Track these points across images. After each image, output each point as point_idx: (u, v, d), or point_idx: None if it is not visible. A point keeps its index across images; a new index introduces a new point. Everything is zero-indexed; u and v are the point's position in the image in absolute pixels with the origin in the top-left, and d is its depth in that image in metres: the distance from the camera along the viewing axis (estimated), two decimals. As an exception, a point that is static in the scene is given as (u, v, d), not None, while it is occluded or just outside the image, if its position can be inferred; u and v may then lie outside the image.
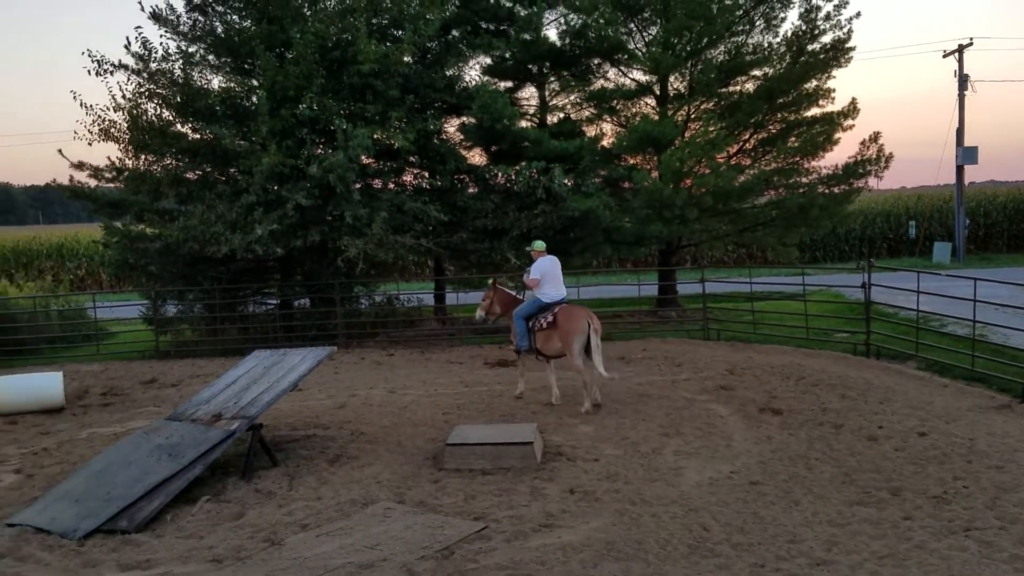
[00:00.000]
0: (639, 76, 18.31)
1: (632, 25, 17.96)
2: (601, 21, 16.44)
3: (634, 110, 18.85)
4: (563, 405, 10.31)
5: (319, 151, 14.80)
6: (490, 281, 11.55)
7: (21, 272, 33.62)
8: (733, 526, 6.13)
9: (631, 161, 17.88)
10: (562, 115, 18.74)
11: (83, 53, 15.33)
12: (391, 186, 16.31)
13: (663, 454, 8.08)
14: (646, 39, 17.99)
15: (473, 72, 18.44)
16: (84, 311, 19.04)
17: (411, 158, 16.12)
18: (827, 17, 17.25)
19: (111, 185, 16.68)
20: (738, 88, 18.03)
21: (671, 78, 17.99)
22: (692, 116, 17.93)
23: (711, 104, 17.77)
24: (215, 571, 5.70)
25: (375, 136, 14.63)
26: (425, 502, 6.93)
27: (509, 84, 18.46)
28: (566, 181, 15.77)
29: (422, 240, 15.31)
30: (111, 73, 15.31)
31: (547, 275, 10.35)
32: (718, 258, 32.34)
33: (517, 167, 16.00)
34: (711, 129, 16.16)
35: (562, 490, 7.08)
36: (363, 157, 14.69)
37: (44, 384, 11.37)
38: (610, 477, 7.41)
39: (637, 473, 7.51)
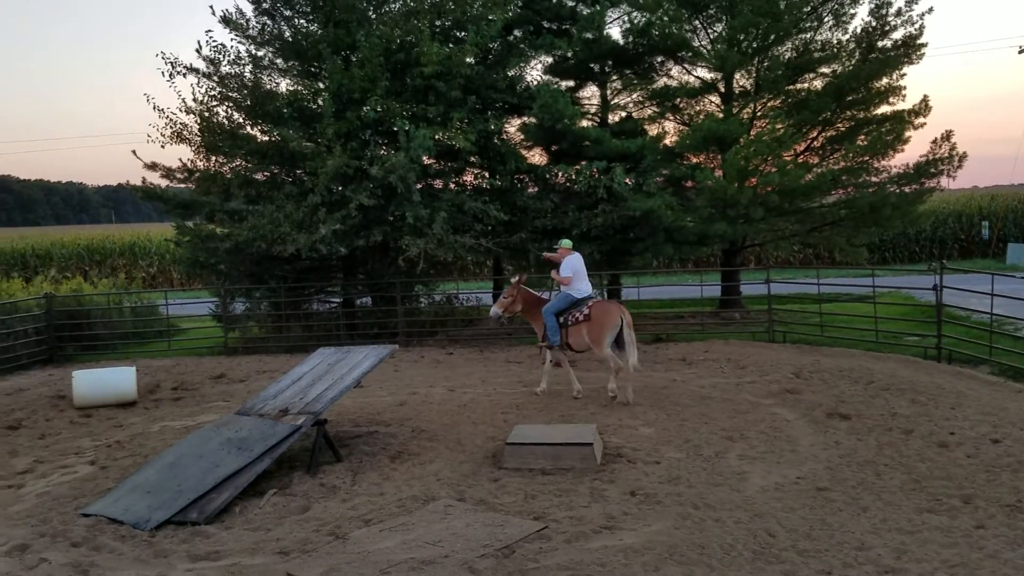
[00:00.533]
0: (703, 74, 18.10)
1: (696, 22, 17.74)
2: (665, 19, 16.29)
3: (698, 108, 18.62)
4: (623, 407, 10.23)
5: (382, 152, 15.01)
6: (514, 279, 11.53)
7: (95, 270, 34.86)
8: (799, 532, 6.00)
9: (694, 160, 17.65)
10: (624, 114, 18.62)
11: (157, 55, 15.85)
12: (452, 186, 16.45)
13: (727, 458, 7.96)
14: (711, 36, 17.74)
15: (534, 72, 18.48)
16: (156, 308, 19.64)
17: (472, 158, 16.23)
18: (898, 13, 16.76)
19: (182, 186, 17.20)
20: (805, 85, 17.66)
21: (736, 75, 17.71)
22: (758, 114, 17.61)
23: (778, 101, 17.44)
24: (282, 563, 5.82)
25: (436, 137, 14.79)
26: (485, 500, 6.96)
27: (570, 83, 18.42)
28: (627, 180, 15.66)
29: (482, 240, 15.40)
30: (183, 76, 15.84)
31: (577, 272, 10.74)
32: (783, 258, 31.70)
33: (577, 166, 15.96)
34: (778, 127, 15.86)
35: (622, 492, 7.03)
36: (424, 158, 14.84)
37: (118, 379, 11.78)
38: (672, 480, 7.33)
39: (700, 477, 7.42)
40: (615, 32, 17.68)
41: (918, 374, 11.44)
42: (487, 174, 16.74)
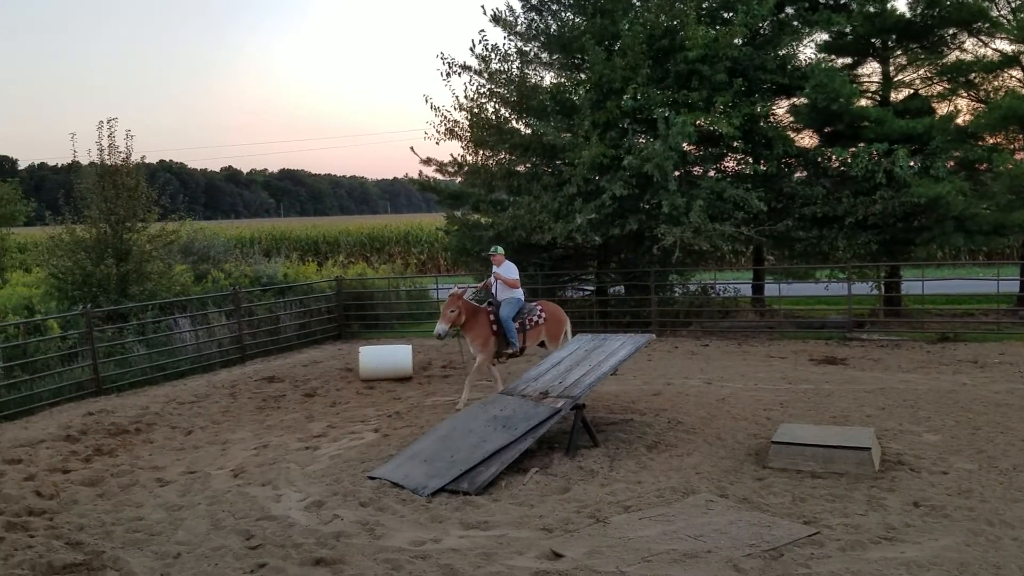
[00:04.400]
0: (1003, 46, 16.01)
1: (996, -10, 15.73)
2: (960, -13, 14.60)
3: (996, 84, 16.51)
4: (902, 409, 9.40)
5: (640, 141, 14.95)
6: (455, 290, 10.91)
7: (375, 256, 38.26)
8: None
9: (991, 141, 15.70)
10: (908, 92, 16.98)
11: (436, 55, 16.98)
12: (711, 173, 15.98)
13: (1030, 474, 7.01)
14: (1012, 5, 15.65)
15: (807, 50, 17.40)
16: (427, 292, 21.13)
17: (735, 143, 15.67)
18: None
19: (452, 179, 18.34)
20: None
21: (1042, 47, 15.46)
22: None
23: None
24: (546, 539, 5.99)
25: (698, 123, 14.46)
26: (749, 499, 6.70)
27: (847, 60, 17.15)
28: (910, 164, 14.30)
29: (743, 228, 14.82)
30: (458, 74, 16.84)
31: (518, 277, 11.01)
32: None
33: (854, 149, 14.82)
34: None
35: (904, 502, 6.48)
36: (684, 145, 14.57)
37: (397, 355, 12.83)
38: (962, 493, 6.63)
39: (995, 491, 6.64)
40: (900, 4, 16.13)
41: None
42: (750, 159, 16.06)
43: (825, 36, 16.78)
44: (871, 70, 17.37)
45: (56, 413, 11.20)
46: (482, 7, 16.91)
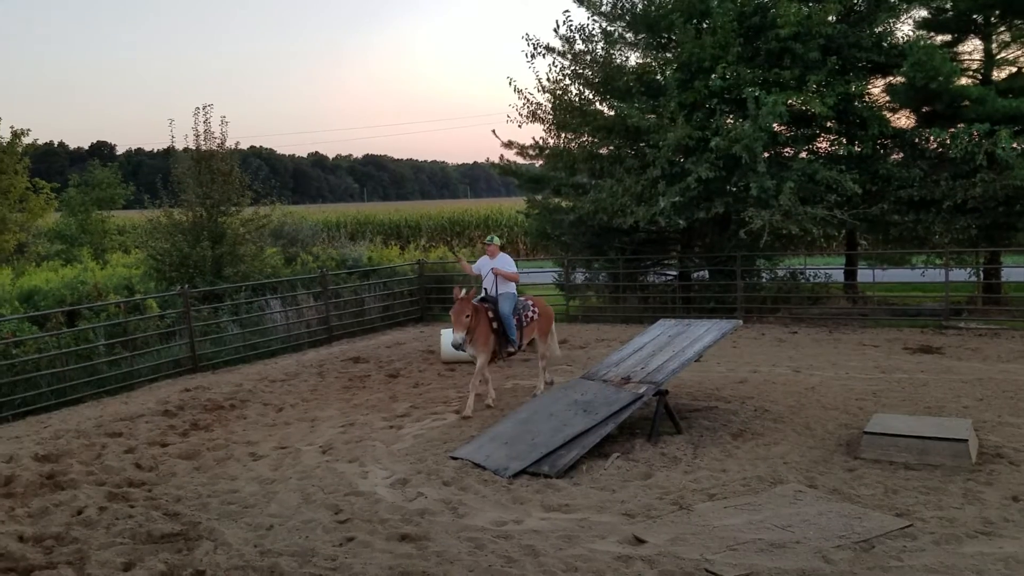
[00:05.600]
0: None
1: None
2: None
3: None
4: (1001, 400, 8.98)
5: (728, 121, 14.61)
6: (465, 292, 9.62)
7: (456, 240, 38.65)
8: None
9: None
10: (1012, 70, 16.04)
11: (522, 37, 16.94)
12: (803, 154, 15.49)
13: None
14: None
15: (904, 27, 16.64)
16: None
17: (828, 123, 15.13)
18: None
19: (534, 162, 18.31)
20: None
21: None
22: None
23: None
24: (628, 524, 5.97)
25: (789, 102, 14.03)
26: (839, 490, 6.52)
27: (947, 38, 16.31)
28: (1014, 145, 13.53)
29: (835, 211, 14.32)
30: (542, 56, 16.75)
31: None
32: None
33: (953, 129, 14.13)
34: None
35: (1003, 496, 6.24)
36: (774, 125, 14.16)
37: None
38: (1066, 489, 6.29)
39: (1106, 490, 6.26)
40: (1006, -23, 15.17)
41: None
42: (844, 140, 15.49)
43: (924, 12, 16.01)
44: (972, 47, 16.47)
45: (155, 389, 11.74)
46: (566, -13, 16.78)
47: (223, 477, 7.60)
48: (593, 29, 16.57)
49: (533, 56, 16.74)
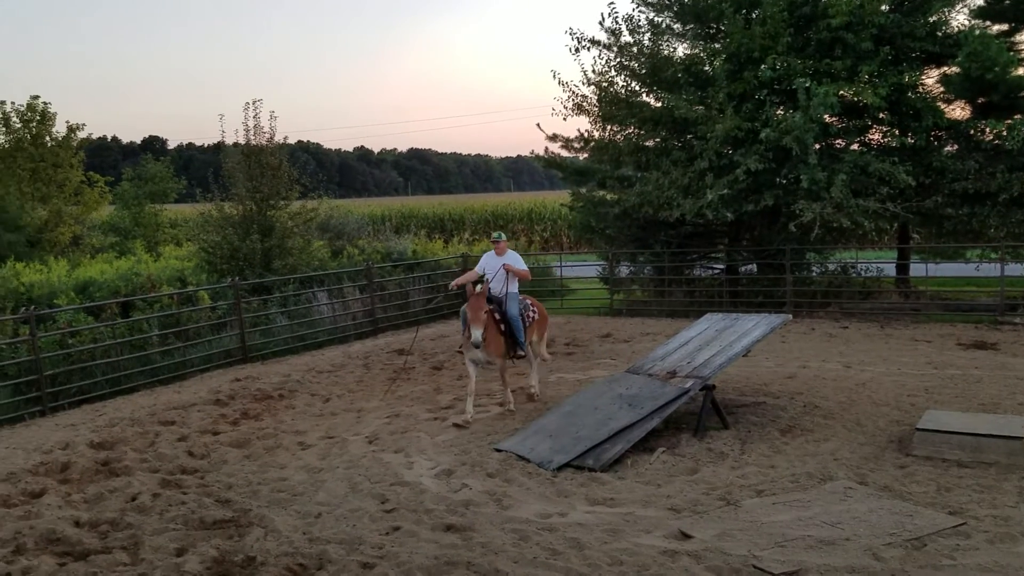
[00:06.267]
0: None
1: None
2: None
3: None
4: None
5: (778, 113, 14.38)
6: (480, 288, 9.08)
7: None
8: None
9: None
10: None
11: (565, 31, 16.88)
12: (854, 146, 15.18)
13: None
14: None
15: (960, 17, 16.18)
16: (550, 269, 21.20)
17: (880, 115, 14.78)
18: None
19: (578, 155, 18.22)
20: None
21: None
22: None
23: None
24: (674, 519, 5.93)
25: (841, 93, 13.75)
26: (890, 487, 6.40)
27: (1003, 27, 15.82)
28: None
29: (888, 204, 14.01)
30: (587, 49, 16.65)
31: None
32: None
33: (1010, 121, 13.71)
34: None
35: (1061, 496, 6.04)
36: (825, 116, 13.90)
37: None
38: None
39: None
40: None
41: None
42: (897, 132, 15.14)
43: (980, 1, 15.57)
44: (1030, 37, 15.97)
45: (206, 378, 11.99)
46: (612, -22, 16.66)
47: (272, 465, 7.73)
48: (640, 20, 16.44)
49: (577, 50, 16.64)
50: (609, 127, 16.87)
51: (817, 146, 14.24)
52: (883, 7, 14.11)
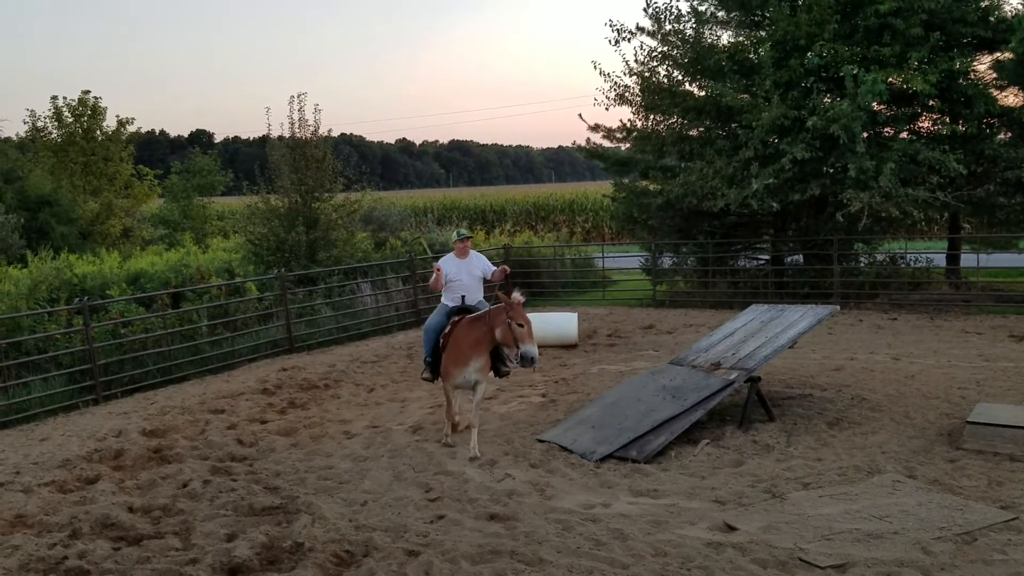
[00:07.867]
0: None
1: None
2: None
3: None
4: None
5: (825, 100, 14.12)
6: (516, 297, 7.63)
7: (540, 224, 38.63)
8: None
9: None
10: None
11: (605, 23, 16.77)
12: (903, 134, 14.85)
13: None
14: None
15: (1013, 1, 15.75)
16: (591, 260, 21.13)
17: (930, 102, 14.45)
18: None
19: (620, 145, 18.12)
20: None
21: None
22: None
23: None
24: (718, 511, 5.90)
25: (889, 80, 13.45)
26: (940, 481, 6.29)
27: (1062, 10, 15.33)
28: None
29: (938, 193, 13.69)
30: (628, 40, 16.54)
31: None
32: None
33: (1066, 107, 13.31)
34: None
35: (1118, 493, 5.89)
36: (874, 104, 13.61)
37: (564, 323, 12.93)
38: None
39: None
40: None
41: None
42: (948, 119, 14.78)
43: (1036, -16, 15.10)
44: (1087, 21, 15.42)
45: (254, 368, 12.22)
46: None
47: (319, 454, 7.86)
48: (683, 8, 16.28)
49: (617, 42, 16.52)
50: (652, 117, 16.74)
51: (865, 134, 13.96)
52: (933, -8, 13.74)
